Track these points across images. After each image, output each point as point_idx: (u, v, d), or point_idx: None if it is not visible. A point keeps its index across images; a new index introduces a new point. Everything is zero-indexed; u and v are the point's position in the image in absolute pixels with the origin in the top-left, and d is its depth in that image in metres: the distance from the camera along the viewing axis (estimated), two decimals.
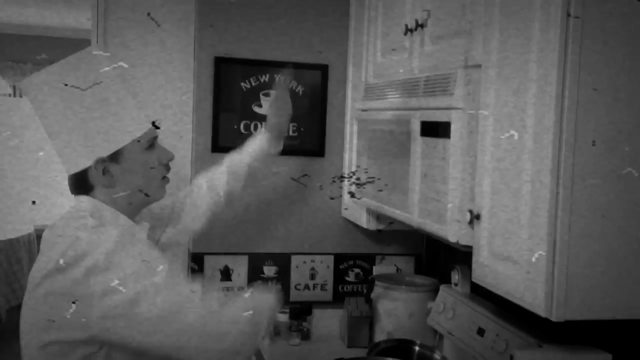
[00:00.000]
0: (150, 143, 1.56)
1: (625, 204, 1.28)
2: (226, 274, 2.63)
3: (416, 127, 1.77)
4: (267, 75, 2.59)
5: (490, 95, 1.47)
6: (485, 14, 1.50)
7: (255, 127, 2.60)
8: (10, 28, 6.09)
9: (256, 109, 2.60)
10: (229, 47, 2.57)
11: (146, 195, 1.57)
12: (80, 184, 1.53)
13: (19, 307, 1.57)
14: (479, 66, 1.52)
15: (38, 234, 5.95)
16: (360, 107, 2.29)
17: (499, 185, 1.44)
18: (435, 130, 1.68)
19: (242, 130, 2.59)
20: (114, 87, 1.53)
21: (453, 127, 1.57)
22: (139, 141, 1.53)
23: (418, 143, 1.76)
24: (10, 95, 6.03)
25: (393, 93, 1.99)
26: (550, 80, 1.25)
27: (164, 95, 2.70)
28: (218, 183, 2.03)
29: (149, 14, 2.61)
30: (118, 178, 1.51)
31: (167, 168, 1.61)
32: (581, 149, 1.25)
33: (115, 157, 1.50)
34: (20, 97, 6.21)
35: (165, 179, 1.62)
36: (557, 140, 1.25)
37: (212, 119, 2.58)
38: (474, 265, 1.55)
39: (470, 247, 1.58)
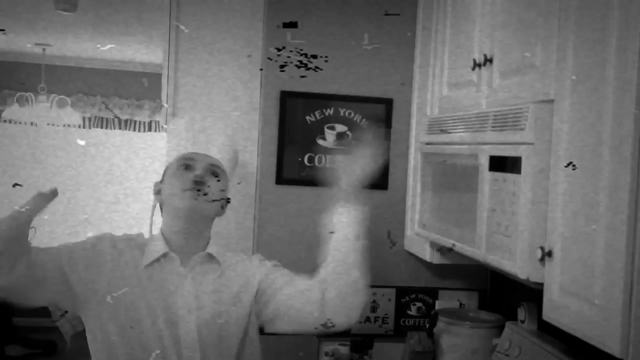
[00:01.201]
0: (184, 164, 1.73)
1: None
2: None
3: (485, 162, 1.77)
4: (332, 109, 2.63)
5: (564, 130, 1.45)
6: (559, 49, 1.50)
7: (320, 161, 2.63)
8: (80, 62, 6.35)
9: (320, 142, 2.63)
10: (294, 81, 2.62)
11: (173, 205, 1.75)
12: None
13: (83, 331, 1.68)
14: (551, 101, 1.51)
15: None
16: (425, 141, 2.29)
17: (573, 221, 1.42)
18: (504, 165, 1.67)
19: (307, 163, 2.63)
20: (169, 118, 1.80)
21: (524, 162, 1.56)
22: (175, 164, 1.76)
23: (486, 178, 1.76)
24: (80, 126, 6.26)
25: (459, 127, 1.99)
26: (627, 114, 1.24)
27: (230, 127, 2.77)
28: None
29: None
30: (164, 196, 1.75)
31: (198, 183, 1.70)
32: None
33: (162, 178, 1.78)
34: (90, 128, 6.44)
35: (190, 191, 1.70)
36: (635, 175, 1.23)
37: (277, 151, 2.63)
38: (544, 303, 1.52)
39: (540, 284, 1.55)
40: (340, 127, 2.64)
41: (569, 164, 1.42)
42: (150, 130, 6.49)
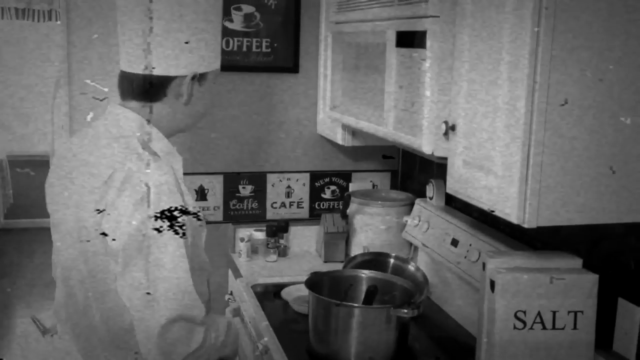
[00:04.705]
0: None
1: (599, 112, 1.28)
2: (202, 194, 2.63)
3: (391, 38, 1.73)
4: None
5: (468, 2, 1.43)
6: None
7: (227, 44, 2.53)
8: None
9: (227, 24, 2.52)
10: None
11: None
12: (148, 90, 1.48)
13: None
14: None
15: (10, 160, 5.91)
16: (335, 20, 2.23)
17: (475, 95, 1.42)
18: (411, 40, 1.64)
19: None
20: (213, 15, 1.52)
21: (429, 36, 1.54)
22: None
23: (393, 54, 1.73)
24: None
25: (368, 3, 1.93)
26: None
27: None
28: None
29: None
30: (194, 97, 1.52)
31: None
32: (558, 59, 1.24)
33: (202, 77, 1.52)
34: None
35: None
36: (533, 48, 1.23)
37: None
38: (448, 176, 1.56)
39: (445, 160, 1.58)
40: (247, 8, 2.53)
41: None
42: (50, 19, 6.09)
